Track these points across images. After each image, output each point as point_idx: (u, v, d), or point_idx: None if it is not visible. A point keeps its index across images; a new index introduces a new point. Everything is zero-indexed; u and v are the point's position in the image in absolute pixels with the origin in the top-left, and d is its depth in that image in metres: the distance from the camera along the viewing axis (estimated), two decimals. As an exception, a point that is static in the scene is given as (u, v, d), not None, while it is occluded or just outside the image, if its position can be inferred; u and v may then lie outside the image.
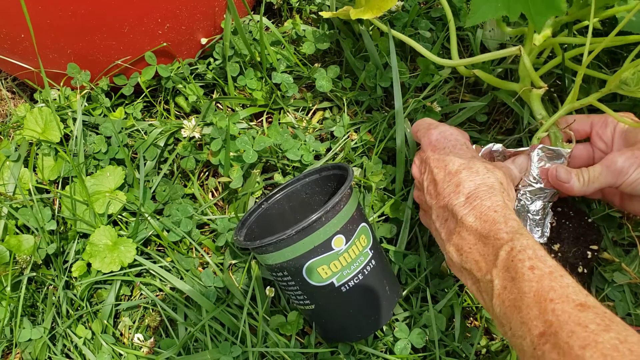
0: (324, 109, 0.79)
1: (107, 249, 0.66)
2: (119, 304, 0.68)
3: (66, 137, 0.76)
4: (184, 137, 0.72)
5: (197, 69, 0.79)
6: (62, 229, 0.72)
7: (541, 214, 0.57)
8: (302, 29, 0.80)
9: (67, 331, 0.66)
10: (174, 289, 0.67)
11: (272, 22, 0.81)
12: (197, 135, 0.71)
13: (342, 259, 0.54)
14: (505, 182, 0.51)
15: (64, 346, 0.67)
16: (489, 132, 0.74)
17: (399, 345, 0.61)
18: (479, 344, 0.62)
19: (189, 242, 0.70)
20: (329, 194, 0.66)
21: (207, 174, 0.77)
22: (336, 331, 0.58)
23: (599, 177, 0.52)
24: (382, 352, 0.62)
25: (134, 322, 0.69)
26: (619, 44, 0.55)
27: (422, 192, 0.56)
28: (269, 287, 0.63)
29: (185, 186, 0.76)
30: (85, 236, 0.70)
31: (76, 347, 0.66)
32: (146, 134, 0.76)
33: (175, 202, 0.71)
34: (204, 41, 0.77)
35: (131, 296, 0.71)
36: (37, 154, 0.74)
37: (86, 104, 0.77)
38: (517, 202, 0.57)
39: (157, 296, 0.68)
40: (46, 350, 0.66)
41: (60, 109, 0.76)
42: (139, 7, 0.66)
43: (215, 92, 0.80)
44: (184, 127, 0.71)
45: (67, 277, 0.68)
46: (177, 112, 0.81)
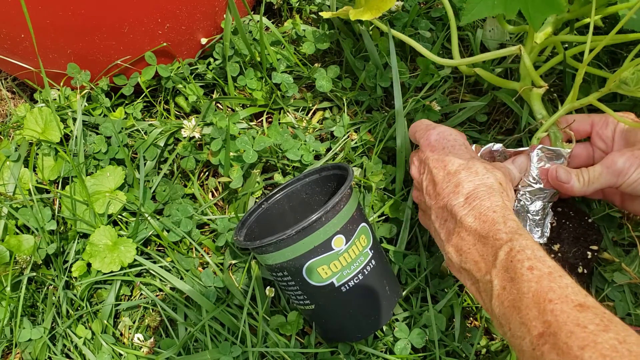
0: (324, 109, 0.79)
1: (107, 249, 0.66)
2: (119, 304, 0.68)
3: (66, 137, 0.76)
4: (184, 137, 0.72)
5: (197, 69, 0.79)
6: (62, 229, 0.72)
7: (541, 214, 0.57)
8: (302, 29, 0.80)
9: (67, 331, 0.66)
10: (174, 289, 0.67)
11: (272, 22, 0.81)
12: (197, 135, 0.71)
13: (342, 259, 0.54)
14: (504, 182, 0.51)
15: (64, 346, 0.67)
16: (489, 132, 0.74)
17: (399, 345, 0.61)
18: (479, 344, 0.62)
19: (189, 242, 0.70)
20: (329, 194, 0.66)
21: (207, 174, 0.77)
22: (336, 331, 0.58)
23: (599, 177, 0.52)
24: (382, 352, 0.62)
25: (134, 322, 0.69)
26: (620, 41, 0.55)
27: (421, 193, 0.56)
28: (269, 287, 0.63)
29: (185, 186, 0.76)
30: (85, 236, 0.70)
31: (76, 347, 0.66)
32: (146, 134, 0.76)
33: (175, 202, 0.71)
34: (204, 41, 0.77)
35: (131, 296, 0.71)
36: (37, 154, 0.74)
37: (86, 104, 0.77)
38: (516, 203, 0.57)
39: (157, 296, 0.68)
40: (46, 350, 0.66)
41: (60, 109, 0.76)
42: (139, 7, 0.66)
43: (215, 92, 0.80)
44: (184, 127, 0.71)
45: (67, 277, 0.68)
46: (177, 112, 0.81)
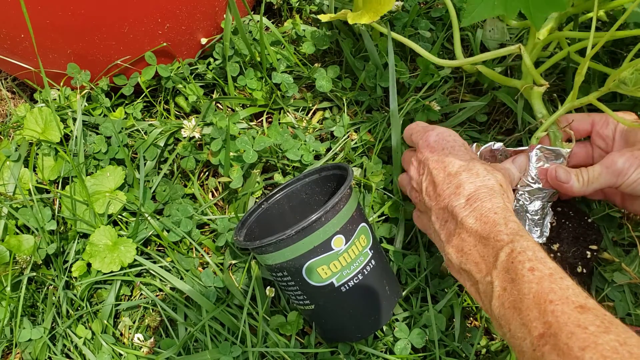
0: (324, 109, 0.79)
1: (107, 249, 0.66)
2: (119, 304, 0.68)
3: (66, 137, 0.76)
4: (184, 137, 0.72)
5: (197, 69, 0.79)
6: (62, 229, 0.72)
7: (540, 214, 0.57)
8: (302, 29, 0.80)
9: (67, 331, 0.66)
10: (174, 289, 0.67)
11: (272, 22, 0.81)
12: (197, 135, 0.71)
13: (342, 259, 0.54)
14: (504, 184, 0.51)
15: (64, 346, 0.67)
16: (489, 132, 0.74)
17: (399, 345, 0.61)
18: (479, 344, 0.62)
19: (189, 242, 0.70)
20: (329, 194, 0.66)
21: (207, 174, 0.77)
22: (336, 331, 0.58)
23: (599, 177, 0.52)
24: (382, 352, 0.62)
25: (134, 322, 0.69)
26: (622, 36, 0.54)
27: (420, 193, 0.55)
28: (269, 287, 0.63)
29: (185, 186, 0.76)
30: (85, 236, 0.70)
31: (76, 347, 0.66)
32: (146, 134, 0.76)
33: (175, 202, 0.71)
34: (204, 41, 0.77)
35: (131, 296, 0.71)
36: (37, 154, 0.74)
37: (86, 104, 0.77)
38: (515, 202, 0.57)
39: (157, 296, 0.68)
40: (46, 350, 0.66)
41: (60, 109, 0.76)
42: (139, 7, 0.66)
43: (215, 92, 0.80)
44: (184, 127, 0.71)
45: (67, 277, 0.68)
46: (177, 112, 0.81)
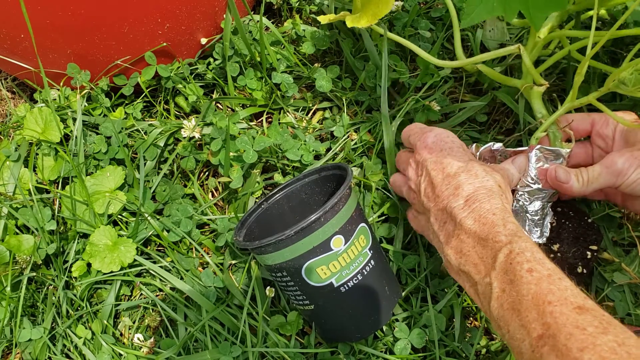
0: (324, 109, 0.79)
1: (107, 249, 0.66)
2: (119, 304, 0.68)
3: (66, 137, 0.76)
4: (184, 137, 0.72)
5: (197, 69, 0.79)
6: (62, 229, 0.72)
7: (540, 214, 0.57)
8: (302, 29, 0.80)
9: (67, 331, 0.66)
10: (174, 289, 0.67)
11: (272, 22, 0.81)
12: (197, 135, 0.71)
13: (341, 259, 0.54)
14: (503, 185, 0.51)
15: (64, 346, 0.67)
16: (489, 132, 0.74)
17: (399, 345, 0.61)
18: (479, 344, 0.62)
19: (189, 242, 0.70)
20: (329, 194, 0.66)
21: (207, 174, 0.77)
22: (336, 331, 0.58)
23: (598, 177, 0.52)
24: (382, 352, 0.62)
25: (134, 322, 0.69)
26: (623, 35, 0.54)
27: (418, 195, 0.55)
28: (269, 287, 0.63)
29: (185, 186, 0.76)
30: (85, 236, 0.70)
31: (76, 347, 0.66)
32: (146, 134, 0.76)
33: (175, 202, 0.71)
34: (204, 41, 0.77)
35: (131, 296, 0.71)
36: (37, 154, 0.74)
37: (86, 104, 0.77)
38: (515, 203, 0.57)
39: (157, 296, 0.68)
40: (46, 350, 0.66)
41: (60, 109, 0.76)
42: (139, 7, 0.66)
43: (215, 92, 0.80)
44: (184, 127, 0.71)
45: (67, 277, 0.68)
46: (177, 112, 0.81)
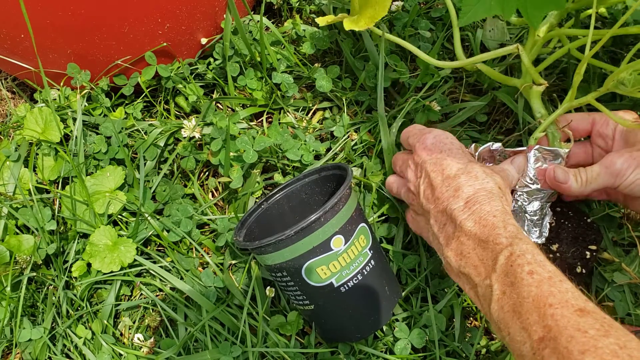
0: (324, 109, 0.79)
1: (107, 249, 0.66)
2: (119, 304, 0.68)
3: (66, 137, 0.76)
4: (184, 137, 0.72)
5: (197, 69, 0.79)
6: (62, 229, 0.72)
7: (539, 214, 0.57)
8: (302, 29, 0.80)
9: (67, 331, 0.67)
10: (174, 289, 0.67)
11: (272, 22, 0.81)
12: (197, 135, 0.71)
13: (341, 259, 0.54)
14: (503, 186, 0.51)
15: (64, 346, 0.67)
16: (489, 132, 0.74)
17: (399, 345, 0.61)
18: (479, 344, 0.62)
19: (189, 242, 0.70)
20: (329, 194, 0.66)
21: (207, 174, 0.77)
22: (336, 331, 0.58)
23: (597, 178, 0.52)
24: (382, 352, 0.62)
25: (134, 322, 0.69)
26: (623, 33, 0.54)
27: (418, 196, 0.55)
28: (269, 287, 0.63)
29: (185, 186, 0.76)
30: (85, 236, 0.70)
31: (76, 347, 0.66)
32: (146, 134, 0.76)
33: (175, 202, 0.71)
34: (204, 41, 0.77)
35: (131, 296, 0.71)
36: (37, 154, 0.74)
37: (86, 104, 0.77)
38: (514, 203, 0.57)
39: (157, 296, 0.68)
40: (46, 350, 0.66)
41: (60, 109, 0.76)
42: (139, 7, 0.66)
43: (215, 92, 0.80)
44: (184, 127, 0.71)
45: (67, 277, 0.68)
46: (177, 112, 0.81)
